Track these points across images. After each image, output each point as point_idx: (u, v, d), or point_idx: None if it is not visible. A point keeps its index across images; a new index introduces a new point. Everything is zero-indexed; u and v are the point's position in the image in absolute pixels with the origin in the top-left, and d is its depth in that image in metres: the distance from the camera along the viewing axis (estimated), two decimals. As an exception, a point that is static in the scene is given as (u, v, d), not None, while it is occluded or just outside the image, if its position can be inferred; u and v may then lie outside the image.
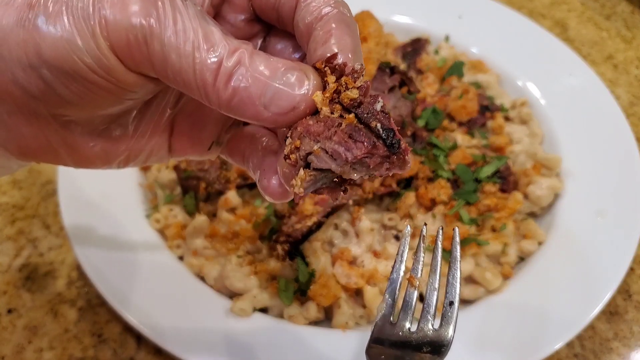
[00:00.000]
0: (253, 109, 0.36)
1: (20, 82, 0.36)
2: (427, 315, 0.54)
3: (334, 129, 0.35)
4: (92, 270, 0.70)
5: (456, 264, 0.55)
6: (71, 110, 0.39)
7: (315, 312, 0.71)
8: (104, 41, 0.35)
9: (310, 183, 0.36)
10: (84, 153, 0.42)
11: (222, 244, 0.76)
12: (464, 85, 0.91)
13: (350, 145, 0.35)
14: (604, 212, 0.80)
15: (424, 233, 0.57)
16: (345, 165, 0.35)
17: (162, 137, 0.45)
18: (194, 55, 0.35)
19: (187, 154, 0.47)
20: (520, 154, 0.86)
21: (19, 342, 0.72)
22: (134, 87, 0.38)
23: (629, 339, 0.76)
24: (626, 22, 1.19)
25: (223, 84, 0.36)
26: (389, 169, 0.35)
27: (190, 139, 0.45)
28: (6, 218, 0.84)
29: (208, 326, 0.69)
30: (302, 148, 0.36)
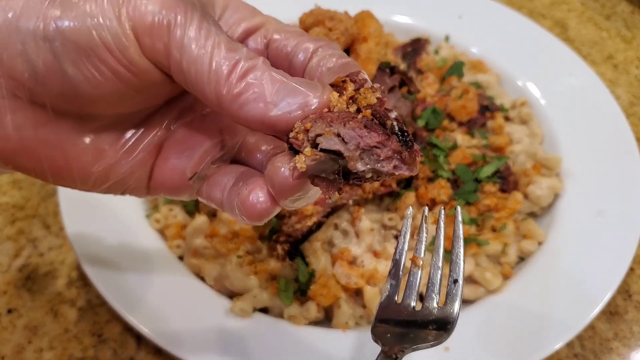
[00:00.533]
0: (262, 106, 0.35)
1: (28, 55, 0.35)
2: (432, 293, 0.54)
3: (349, 117, 0.35)
4: (92, 270, 0.70)
5: (459, 242, 0.56)
6: (70, 99, 0.38)
7: (315, 312, 0.71)
8: (127, 20, 0.35)
9: (314, 164, 0.35)
10: (65, 157, 0.41)
11: (222, 244, 0.76)
12: (464, 85, 0.91)
13: (363, 132, 0.34)
14: (604, 212, 0.80)
15: (425, 214, 0.57)
16: (355, 150, 0.34)
17: (147, 159, 0.43)
18: (213, 50, 0.36)
19: (165, 184, 0.44)
20: (520, 154, 0.86)
21: (19, 342, 0.72)
22: (143, 76, 0.37)
23: (629, 339, 0.76)
24: (626, 22, 1.19)
25: (237, 78, 0.36)
26: (397, 166, 0.34)
27: (174, 165, 0.44)
28: (6, 218, 0.84)
29: (208, 326, 0.69)
30: (312, 130, 0.35)
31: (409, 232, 0.57)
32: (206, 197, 0.44)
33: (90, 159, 0.41)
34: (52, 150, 0.40)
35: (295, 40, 0.41)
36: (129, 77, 0.37)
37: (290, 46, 0.41)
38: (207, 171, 0.44)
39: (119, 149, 0.42)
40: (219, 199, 0.43)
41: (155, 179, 0.44)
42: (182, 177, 0.44)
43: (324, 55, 0.40)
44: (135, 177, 0.43)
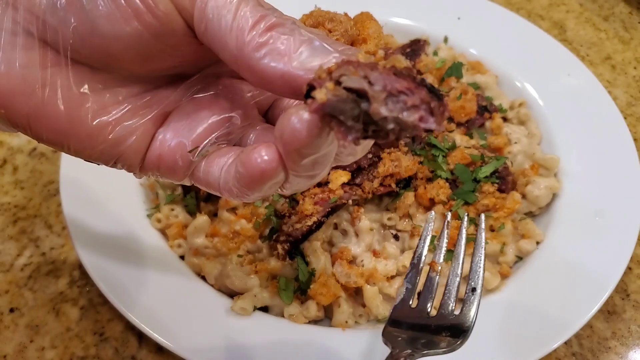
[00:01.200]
0: (285, 59, 0.34)
1: None
2: (448, 300, 0.53)
3: (377, 65, 0.32)
4: (94, 269, 0.71)
5: (480, 250, 0.55)
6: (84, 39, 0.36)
7: (315, 311, 0.72)
8: None
9: (334, 101, 0.32)
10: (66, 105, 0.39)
11: (223, 243, 0.76)
12: (462, 86, 0.92)
13: (392, 77, 0.31)
14: (601, 212, 0.80)
15: (448, 219, 0.57)
16: (381, 93, 0.31)
17: (149, 126, 0.41)
18: (239, 2, 0.35)
19: (163, 156, 0.42)
20: (518, 154, 0.87)
21: (21, 341, 0.72)
22: (164, 20, 0.36)
23: (626, 337, 0.76)
24: (624, 23, 1.19)
25: (262, 30, 0.34)
26: (423, 118, 0.31)
27: (176, 136, 0.42)
28: (8, 218, 0.84)
29: (209, 325, 0.69)
30: (337, 71, 0.32)
31: (430, 236, 0.56)
32: (202, 177, 0.41)
33: (91, 111, 0.39)
34: (54, 95, 0.38)
35: None
36: (149, 20, 0.36)
37: None
38: (209, 148, 0.41)
39: (123, 107, 0.40)
40: (216, 177, 0.40)
41: (153, 150, 0.42)
42: (182, 150, 0.41)
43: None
44: (133, 144, 0.41)
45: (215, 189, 0.41)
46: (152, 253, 0.76)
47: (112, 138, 0.40)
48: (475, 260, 0.54)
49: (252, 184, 0.37)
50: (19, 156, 0.91)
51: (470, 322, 0.52)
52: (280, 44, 0.34)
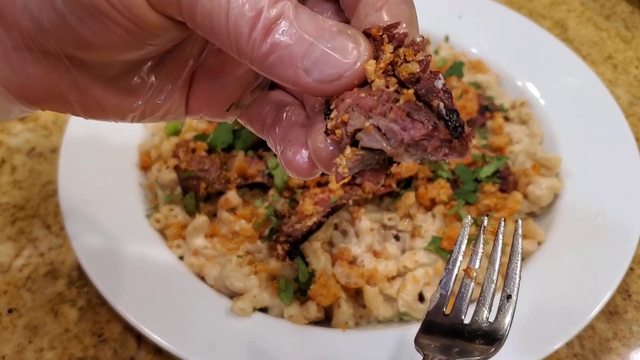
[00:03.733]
0: (292, 71, 0.32)
1: (30, 11, 0.33)
2: (483, 307, 0.52)
3: (389, 105, 0.31)
4: (93, 270, 0.70)
5: (517, 256, 0.53)
6: (85, 51, 0.35)
7: (315, 312, 0.71)
8: None
9: (356, 163, 0.32)
10: (96, 101, 0.39)
11: (223, 243, 0.76)
12: (463, 85, 0.91)
13: (407, 124, 0.30)
14: (603, 212, 0.80)
15: (484, 224, 0.55)
16: (400, 146, 0.31)
17: (180, 93, 0.41)
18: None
19: (204, 113, 0.43)
20: (519, 154, 0.86)
21: (20, 342, 0.72)
22: (156, 29, 0.34)
23: (628, 338, 0.76)
24: (626, 22, 1.19)
25: (261, 36, 0.31)
26: (447, 154, 0.31)
27: (209, 97, 0.41)
28: (7, 218, 0.84)
29: (208, 326, 0.69)
30: (351, 123, 0.32)
31: (465, 241, 0.55)
32: (248, 124, 0.42)
33: (120, 99, 0.39)
34: (81, 95, 0.38)
35: None
36: (139, 32, 0.34)
37: None
38: (244, 101, 0.41)
39: (148, 88, 0.40)
40: (259, 130, 0.41)
41: (192, 109, 0.43)
42: (219, 108, 0.41)
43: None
44: (172, 107, 0.42)
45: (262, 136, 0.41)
46: (151, 254, 0.75)
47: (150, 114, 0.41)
48: (511, 267, 0.53)
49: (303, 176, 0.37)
50: (17, 156, 0.91)
51: (505, 330, 0.51)
52: (284, 50, 0.32)
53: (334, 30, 0.32)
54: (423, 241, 0.77)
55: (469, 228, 0.56)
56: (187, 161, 0.81)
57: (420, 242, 0.77)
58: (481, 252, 0.54)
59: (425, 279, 0.74)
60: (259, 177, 0.81)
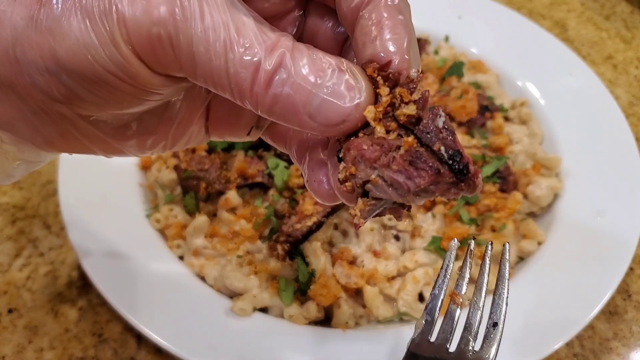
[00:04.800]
0: (297, 117, 0.32)
1: (40, 86, 0.33)
2: (468, 335, 0.51)
3: (391, 155, 0.31)
4: (93, 270, 0.70)
5: (504, 282, 0.52)
6: (97, 111, 0.36)
7: (315, 312, 0.71)
8: (124, 45, 0.31)
9: (370, 212, 0.33)
10: (117, 146, 0.39)
11: (222, 243, 0.76)
12: (463, 85, 0.91)
13: (411, 173, 0.31)
14: (603, 212, 0.80)
15: (471, 248, 0.53)
16: (407, 194, 0.31)
17: (199, 124, 0.42)
18: (226, 56, 0.31)
19: (225, 137, 0.44)
20: (519, 154, 0.86)
21: (20, 342, 0.72)
22: (162, 87, 0.35)
23: (628, 338, 0.76)
24: (626, 22, 1.19)
25: (262, 89, 0.32)
26: (456, 193, 0.31)
27: (228, 124, 0.42)
28: (7, 218, 0.84)
29: (208, 326, 0.69)
30: (358, 175, 0.32)
31: (452, 265, 0.53)
32: (271, 141, 0.43)
33: (140, 142, 0.40)
34: (102, 144, 0.39)
35: None
36: (146, 91, 0.35)
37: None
38: (264, 122, 0.41)
39: (166, 127, 0.41)
40: (283, 147, 0.42)
41: (214, 135, 0.44)
42: (239, 131, 0.42)
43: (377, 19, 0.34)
44: (192, 136, 0.42)
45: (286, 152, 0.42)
46: (151, 254, 0.75)
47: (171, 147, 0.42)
48: (497, 293, 0.51)
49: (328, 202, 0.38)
50: (18, 156, 0.91)
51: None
52: (286, 100, 0.32)
53: (332, 73, 0.32)
54: (423, 241, 0.77)
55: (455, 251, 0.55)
56: (187, 161, 0.81)
57: (420, 242, 0.77)
58: (468, 276, 0.53)
59: (425, 279, 0.74)
60: (259, 177, 0.81)
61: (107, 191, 0.79)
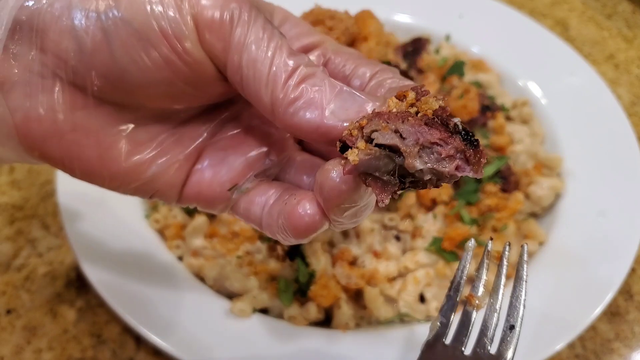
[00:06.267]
0: (319, 112, 0.34)
1: (76, 31, 0.34)
2: (484, 338, 0.50)
3: (408, 115, 0.32)
4: (91, 270, 0.70)
5: (521, 284, 0.51)
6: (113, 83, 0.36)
7: (315, 313, 0.71)
8: (189, 10, 0.34)
9: (367, 159, 0.32)
10: (99, 146, 0.39)
11: (222, 244, 0.76)
12: (464, 84, 0.91)
13: (423, 129, 0.31)
14: (605, 212, 0.79)
15: (489, 249, 0.52)
16: (414, 146, 0.31)
17: (184, 163, 0.41)
18: (275, 52, 0.35)
19: (201, 192, 0.42)
20: (521, 154, 0.86)
21: (18, 343, 0.72)
22: (196, 68, 0.36)
23: (630, 339, 0.76)
24: (627, 21, 1.18)
25: (295, 83, 0.35)
26: (459, 167, 0.31)
27: (213, 174, 0.41)
28: (5, 218, 0.83)
29: (207, 327, 0.68)
30: (368, 126, 0.32)
31: (468, 266, 0.52)
32: (243, 213, 0.41)
33: (123, 151, 0.39)
34: (85, 137, 0.38)
35: (354, 63, 0.40)
36: (180, 67, 0.36)
37: (348, 69, 0.40)
38: (248, 184, 0.41)
39: (156, 145, 0.40)
40: (258, 215, 0.40)
41: (191, 186, 0.42)
42: (220, 188, 0.41)
43: (383, 78, 0.38)
44: (169, 180, 0.41)
45: (258, 226, 0.41)
46: (150, 254, 0.75)
47: (147, 176, 0.40)
48: (515, 295, 0.51)
49: (298, 236, 0.37)
50: (16, 156, 0.91)
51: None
52: (313, 96, 0.34)
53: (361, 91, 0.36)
54: (424, 241, 0.77)
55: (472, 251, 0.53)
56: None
57: (421, 242, 0.77)
58: (485, 278, 0.52)
59: (426, 280, 0.74)
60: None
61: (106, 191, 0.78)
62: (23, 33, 0.35)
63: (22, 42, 0.36)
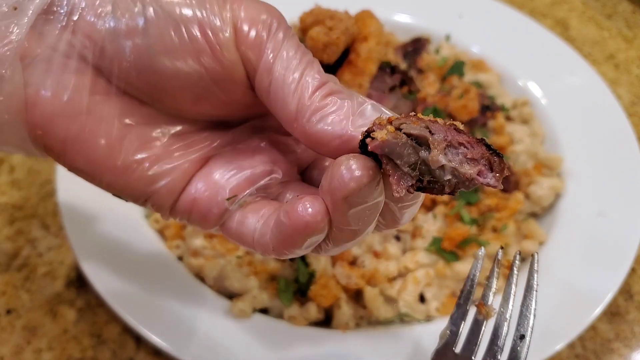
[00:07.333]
0: (344, 121, 0.34)
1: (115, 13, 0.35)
2: (495, 347, 0.50)
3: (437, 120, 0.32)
4: (91, 270, 0.70)
5: (532, 293, 0.51)
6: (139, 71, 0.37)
7: (315, 313, 0.71)
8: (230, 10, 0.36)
9: (392, 141, 0.31)
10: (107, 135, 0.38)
11: (222, 244, 0.76)
12: (464, 84, 0.91)
13: (452, 131, 0.32)
14: (605, 212, 0.79)
15: (499, 257, 0.52)
16: (441, 142, 0.31)
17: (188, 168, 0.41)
18: (307, 66, 0.36)
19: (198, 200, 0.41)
20: (521, 154, 0.86)
21: (18, 343, 0.72)
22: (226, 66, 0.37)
23: (630, 339, 0.76)
24: (627, 21, 1.18)
25: (324, 94, 0.35)
26: (481, 172, 0.31)
27: (216, 181, 0.41)
28: (5, 218, 0.83)
29: (207, 327, 0.68)
30: (397, 120, 0.32)
31: (478, 274, 0.52)
32: (236, 227, 0.40)
33: (131, 145, 0.39)
34: (97, 123, 0.38)
35: None
36: (212, 64, 0.36)
37: None
38: (247, 198, 0.40)
39: (164, 146, 0.40)
40: (251, 228, 0.39)
41: (188, 193, 0.41)
42: (219, 197, 0.40)
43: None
44: (169, 184, 0.40)
45: (247, 241, 0.40)
46: (150, 254, 0.75)
47: (149, 175, 0.39)
48: (525, 304, 0.50)
49: (294, 237, 0.35)
50: (16, 156, 0.90)
51: None
52: (340, 107, 0.35)
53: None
54: (424, 241, 0.77)
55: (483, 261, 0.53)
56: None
57: (421, 242, 0.77)
58: (495, 286, 0.52)
59: (426, 280, 0.74)
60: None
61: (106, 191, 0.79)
62: (58, 12, 0.36)
63: (53, 21, 0.36)
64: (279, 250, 0.37)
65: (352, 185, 0.32)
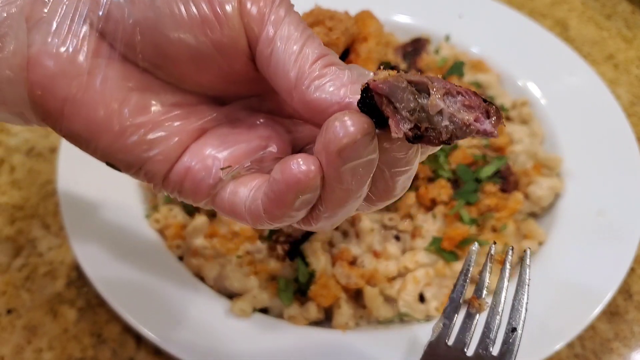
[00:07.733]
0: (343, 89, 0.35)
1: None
2: (486, 339, 0.51)
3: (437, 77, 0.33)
4: (92, 270, 0.70)
5: (524, 287, 0.52)
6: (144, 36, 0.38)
7: (315, 313, 0.71)
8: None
9: (392, 83, 0.32)
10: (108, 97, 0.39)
11: (222, 244, 0.76)
12: (464, 84, 0.91)
13: (451, 85, 0.33)
14: (604, 212, 0.80)
15: (492, 252, 0.53)
16: (440, 89, 0.32)
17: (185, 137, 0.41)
18: (308, 38, 0.37)
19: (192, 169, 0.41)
20: (520, 154, 0.86)
21: (19, 342, 0.72)
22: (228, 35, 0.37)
23: (629, 339, 0.76)
24: (627, 21, 1.18)
25: (324, 64, 0.36)
26: (478, 118, 0.32)
27: (210, 152, 0.41)
28: (5, 218, 0.84)
29: (208, 326, 0.69)
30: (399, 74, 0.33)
31: (471, 269, 0.53)
32: (228, 197, 0.40)
33: (131, 108, 0.39)
34: (97, 85, 0.38)
35: None
36: (215, 29, 0.37)
37: None
38: (241, 170, 0.40)
39: (163, 113, 0.40)
40: (244, 196, 0.39)
41: (183, 162, 0.40)
42: (213, 167, 0.40)
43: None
44: (165, 150, 0.40)
45: (239, 211, 0.39)
46: (150, 254, 0.75)
47: (146, 139, 0.40)
48: (517, 298, 0.52)
49: (287, 194, 0.35)
50: (16, 156, 0.91)
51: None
52: (340, 76, 0.36)
53: None
54: (424, 241, 0.77)
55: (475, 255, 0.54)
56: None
57: (421, 242, 0.77)
58: (488, 281, 0.53)
59: (425, 280, 0.74)
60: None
61: (107, 191, 0.79)
62: None
63: None
64: (271, 212, 0.37)
65: (346, 139, 0.32)
